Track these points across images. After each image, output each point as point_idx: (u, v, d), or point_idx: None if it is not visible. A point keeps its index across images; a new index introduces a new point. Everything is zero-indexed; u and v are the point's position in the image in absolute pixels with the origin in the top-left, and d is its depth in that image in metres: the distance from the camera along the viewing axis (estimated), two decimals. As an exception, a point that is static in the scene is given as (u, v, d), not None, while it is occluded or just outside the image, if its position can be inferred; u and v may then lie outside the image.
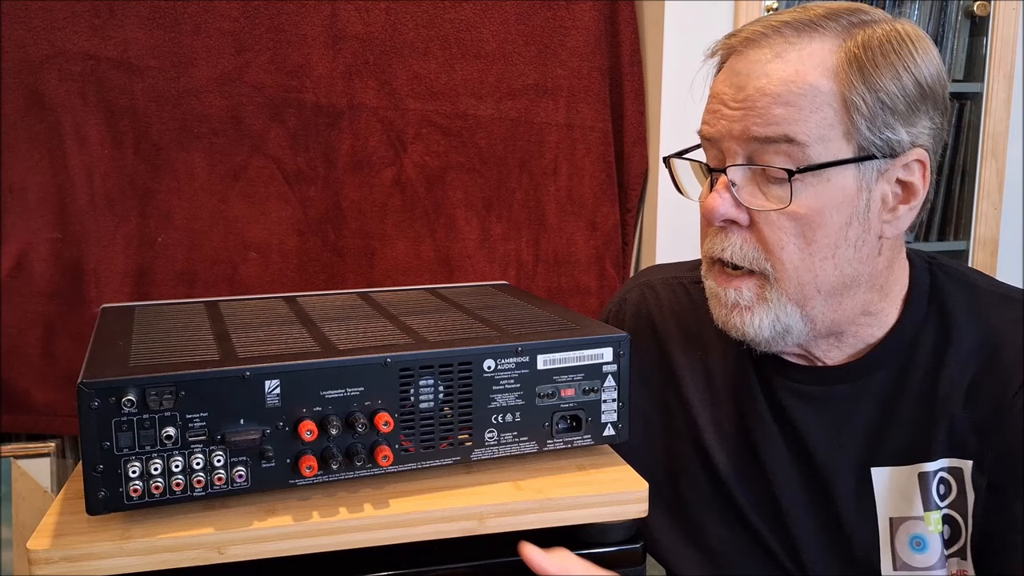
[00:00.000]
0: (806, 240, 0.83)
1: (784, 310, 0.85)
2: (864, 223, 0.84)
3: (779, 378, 0.93)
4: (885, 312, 0.90)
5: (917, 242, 1.97)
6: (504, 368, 0.78)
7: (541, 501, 0.76)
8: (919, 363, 0.89)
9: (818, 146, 0.81)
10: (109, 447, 0.67)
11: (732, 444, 0.95)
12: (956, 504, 0.87)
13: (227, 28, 1.55)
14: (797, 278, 0.84)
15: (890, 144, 0.82)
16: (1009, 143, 1.91)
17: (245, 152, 1.59)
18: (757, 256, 0.84)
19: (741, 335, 0.87)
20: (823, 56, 0.81)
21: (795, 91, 0.80)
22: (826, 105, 0.80)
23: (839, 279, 0.85)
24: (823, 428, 0.91)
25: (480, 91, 1.68)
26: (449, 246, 1.70)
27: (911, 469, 0.88)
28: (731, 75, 0.85)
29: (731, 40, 0.87)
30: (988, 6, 1.88)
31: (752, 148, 0.83)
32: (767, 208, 0.83)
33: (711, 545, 0.96)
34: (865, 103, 0.80)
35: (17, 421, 1.55)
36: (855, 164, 0.82)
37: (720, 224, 0.85)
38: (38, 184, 1.52)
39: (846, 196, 0.82)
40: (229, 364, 0.71)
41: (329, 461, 0.72)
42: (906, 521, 0.88)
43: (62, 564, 0.66)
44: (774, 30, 0.83)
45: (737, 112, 0.83)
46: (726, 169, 0.84)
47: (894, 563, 0.88)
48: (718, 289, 0.87)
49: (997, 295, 0.91)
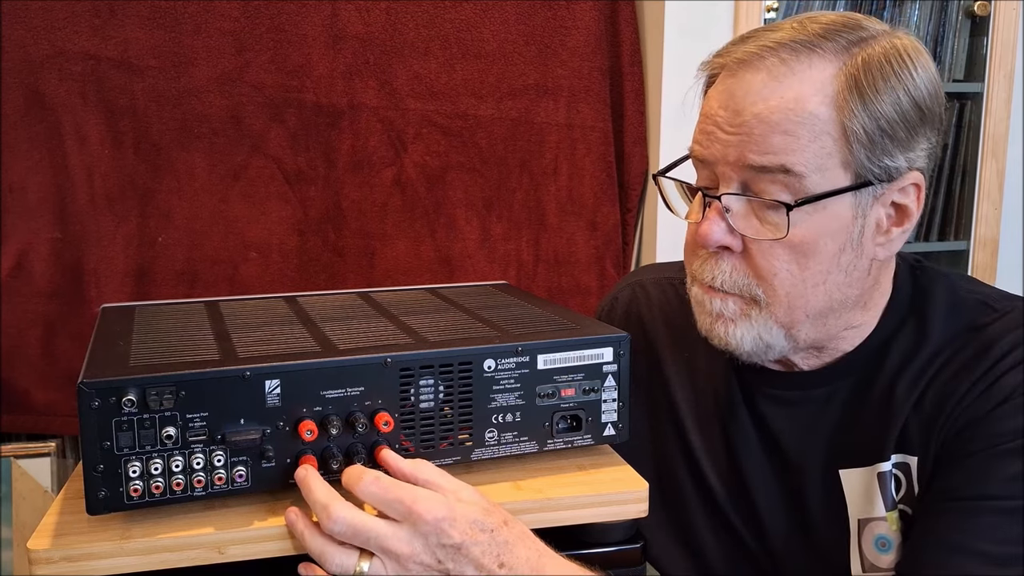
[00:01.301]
0: (799, 267, 0.82)
1: (769, 331, 0.84)
2: (857, 249, 0.83)
3: (758, 382, 0.94)
4: (866, 324, 0.89)
5: (917, 242, 1.97)
6: (504, 368, 0.78)
7: (541, 501, 0.76)
8: (885, 368, 0.88)
9: (815, 176, 0.79)
10: (109, 447, 0.67)
11: (714, 445, 0.96)
12: (907, 499, 0.87)
13: (227, 28, 1.55)
14: (788, 303, 0.83)
15: (888, 171, 0.80)
16: (1009, 143, 1.91)
17: (245, 152, 1.59)
18: (748, 283, 0.83)
19: (723, 344, 0.86)
20: (823, 82, 0.79)
21: (793, 119, 0.78)
22: (825, 134, 0.78)
23: (827, 303, 0.84)
24: (796, 431, 0.91)
25: (480, 91, 1.68)
26: (449, 246, 1.70)
27: (871, 470, 0.88)
28: (726, 97, 0.82)
29: (724, 59, 0.84)
30: (988, 6, 1.88)
31: (747, 176, 0.81)
32: (762, 237, 0.81)
33: (698, 545, 0.97)
34: (865, 132, 0.78)
35: (17, 421, 1.55)
36: (852, 192, 0.80)
37: (710, 249, 0.84)
38: (38, 184, 1.52)
39: (841, 224, 0.81)
40: (229, 364, 0.71)
41: (329, 461, 0.72)
42: (871, 522, 0.88)
43: (62, 564, 0.66)
44: (770, 51, 0.80)
45: (733, 137, 0.81)
46: (720, 196, 0.82)
47: (862, 564, 0.88)
48: (703, 297, 0.86)
49: (975, 302, 0.89)
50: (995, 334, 0.84)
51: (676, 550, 0.98)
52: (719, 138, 0.82)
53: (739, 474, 0.94)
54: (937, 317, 0.88)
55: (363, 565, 0.68)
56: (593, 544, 0.78)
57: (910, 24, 1.93)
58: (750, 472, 0.93)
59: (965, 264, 1.97)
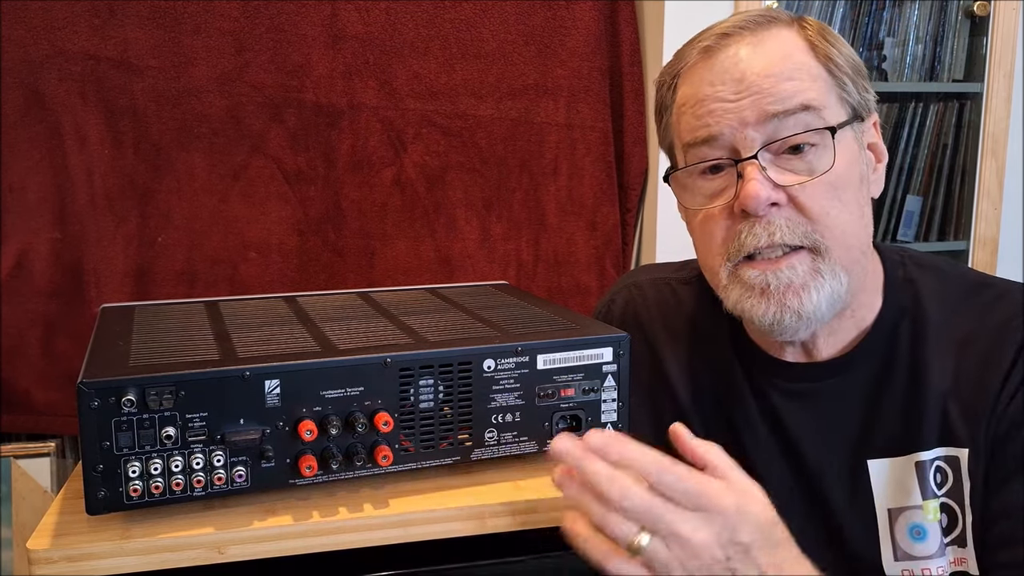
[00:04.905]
0: (842, 201, 0.84)
1: (838, 279, 0.84)
2: (866, 182, 0.88)
3: (767, 377, 0.94)
4: (871, 302, 0.91)
5: (917, 242, 1.97)
6: (504, 368, 0.78)
7: (541, 501, 0.76)
8: (900, 354, 0.89)
9: (828, 110, 0.84)
10: (109, 447, 0.67)
11: (721, 443, 0.96)
12: (952, 492, 0.87)
13: (227, 28, 1.55)
14: (844, 241, 0.84)
15: (867, 103, 0.88)
16: (1009, 143, 1.91)
17: (245, 152, 1.59)
18: (806, 229, 0.83)
19: (797, 317, 0.84)
20: (794, 39, 0.86)
21: (791, 67, 0.84)
22: (818, 76, 0.85)
23: (866, 238, 0.88)
24: (811, 424, 0.91)
25: (480, 91, 1.68)
26: (449, 246, 1.70)
27: (907, 459, 0.88)
28: (717, 73, 0.85)
29: (686, 58, 0.89)
30: (988, 6, 1.88)
31: (770, 129, 0.83)
32: (806, 179, 0.83)
33: None
34: (842, 67, 0.86)
35: (17, 421, 1.55)
36: (851, 125, 0.86)
37: (761, 212, 0.83)
38: (38, 184, 1.52)
39: (853, 155, 0.86)
40: (229, 364, 0.71)
41: (329, 461, 0.72)
42: (905, 511, 0.88)
43: (62, 564, 0.66)
44: (735, 30, 0.86)
45: (745, 100, 0.83)
46: (757, 155, 0.83)
47: (895, 553, 0.88)
48: (767, 275, 0.84)
49: (968, 281, 0.92)
50: (1005, 316, 0.88)
51: None
52: (728, 108, 0.84)
53: (750, 470, 0.94)
54: (932, 301, 0.90)
55: (643, 538, 0.67)
56: (593, 544, 0.78)
57: (910, 24, 1.93)
58: (762, 467, 0.92)
59: (965, 264, 1.97)
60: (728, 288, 0.87)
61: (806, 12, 1.87)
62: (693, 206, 0.90)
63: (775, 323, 0.85)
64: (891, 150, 1.95)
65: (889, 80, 1.93)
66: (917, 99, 1.95)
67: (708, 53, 0.87)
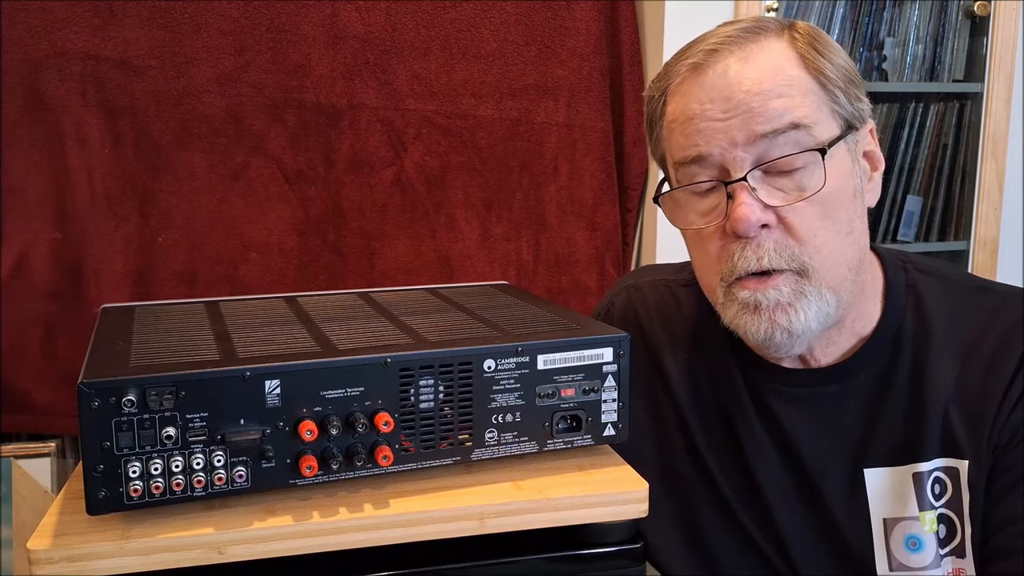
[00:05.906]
0: (831, 220, 0.83)
1: (824, 299, 0.84)
2: (860, 195, 0.87)
3: (766, 381, 0.93)
4: (870, 311, 0.91)
5: (917, 242, 1.97)
6: (504, 368, 0.78)
7: (541, 501, 0.76)
8: (903, 360, 0.89)
9: (818, 127, 0.83)
10: (109, 447, 0.67)
11: (720, 446, 0.96)
12: (951, 504, 0.87)
13: (227, 28, 1.55)
14: (831, 261, 0.84)
15: (860, 114, 0.86)
16: (1009, 143, 1.91)
17: (245, 152, 1.59)
18: (793, 252, 0.83)
19: (787, 337, 0.85)
20: (783, 51, 0.84)
21: (781, 83, 0.82)
22: (809, 90, 0.83)
23: (857, 254, 0.86)
24: (811, 430, 0.91)
25: (480, 91, 1.68)
26: (449, 246, 1.70)
27: (905, 470, 0.88)
28: (706, 90, 0.84)
29: (674, 75, 0.87)
30: (988, 6, 1.88)
31: (760, 149, 0.82)
32: (796, 200, 0.82)
33: (705, 547, 0.96)
34: (833, 80, 0.84)
35: (17, 421, 1.55)
36: (844, 138, 0.84)
37: (752, 234, 0.83)
38: (38, 184, 1.52)
39: (847, 170, 0.85)
40: (229, 364, 0.71)
41: (329, 461, 0.72)
42: (901, 521, 0.88)
43: (62, 564, 0.66)
44: (723, 45, 0.84)
45: (733, 120, 0.82)
46: (747, 176, 0.82)
47: (890, 564, 0.88)
48: (756, 295, 0.84)
49: (971, 287, 0.92)
50: (1009, 323, 0.87)
51: (683, 550, 0.97)
52: (717, 128, 0.83)
53: (749, 475, 0.93)
54: (936, 307, 0.90)
55: None
56: (593, 544, 0.78)
57: (910, 24, 1.93)
58: (761, 471, 0.93)
59: (965, 264, 1.97)
60: (725, 306, 0.88)
61: (806, 13, 1.87)
62: (686, 226, 0.90)
63: (767, 339, 0.85)
64: (891, 150, 1.95)
65: (889, 80, 1.93)
66: (917, 99, 1.95)
67: (697, 70, 0.85)
